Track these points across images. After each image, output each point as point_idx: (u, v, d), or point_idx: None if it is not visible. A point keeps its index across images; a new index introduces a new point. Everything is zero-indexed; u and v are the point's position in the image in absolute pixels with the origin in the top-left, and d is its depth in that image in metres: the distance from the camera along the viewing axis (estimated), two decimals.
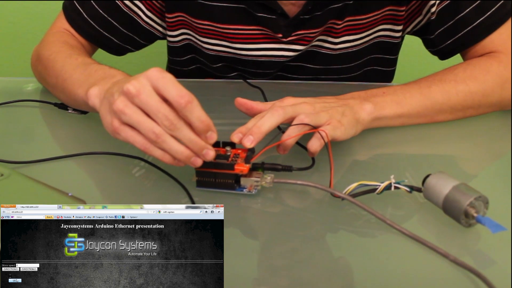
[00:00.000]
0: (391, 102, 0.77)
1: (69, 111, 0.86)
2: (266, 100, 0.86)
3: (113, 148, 0.73)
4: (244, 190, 0.65)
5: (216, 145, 0.66)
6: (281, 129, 0.72)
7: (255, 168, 0.66)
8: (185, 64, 1.03)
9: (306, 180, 0.64)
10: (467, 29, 0.86)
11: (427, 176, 0.62)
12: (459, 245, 0.58)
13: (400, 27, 0.94)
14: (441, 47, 0.91)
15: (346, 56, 0.96)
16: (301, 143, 0.73)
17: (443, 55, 0.93)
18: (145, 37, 0.99)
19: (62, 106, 0.87)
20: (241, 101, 0.73)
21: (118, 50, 0.99)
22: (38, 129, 0.86)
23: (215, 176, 0.64)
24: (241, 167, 0.64)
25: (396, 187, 0.63)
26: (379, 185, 0.63)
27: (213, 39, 0.95)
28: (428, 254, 0.56)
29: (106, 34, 0.96)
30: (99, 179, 0.71)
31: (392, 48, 0.98)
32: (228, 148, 0.67)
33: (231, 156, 0.66)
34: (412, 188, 0.63)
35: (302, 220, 0.63)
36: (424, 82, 0.81)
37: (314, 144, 0.68)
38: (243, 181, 0.65)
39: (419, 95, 0.78)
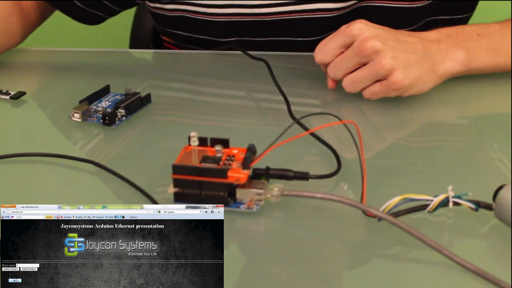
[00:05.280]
0: (486, 49, 0.84)
1: None
2: (272, 75, 0.87)
3: (56, 148, 0.73)
4: (242, 206, 0.64)
5: (202, 142, 0.66)
6: (295, 119, 0.75)
7: (256, 175, 0.66)
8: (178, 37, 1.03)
9: (328, 192, 0.63)
10: None
11: (500, 187, 0.61)
12: None
13: None
14: None
15: (401, 16, 0.96)
16: (323, 138, 0.73)
17: None
18: (119, 2, 0.99)
19: None
20: None
21: (84, 17, 1.01)
22: None
23: (201, 186, 0.64)
24: (237, 174, 0.64)
25: (455, 203, 0.62)
26: (432, 200, 0.62)
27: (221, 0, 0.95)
28: None
29: None
30: (37, 187, 0.71)
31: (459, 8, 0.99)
32: (218, 148, 0.66)
33: (223, 159, 0.65)
34: (478, 205, 0.62)
35: (323, 248, 0.63)
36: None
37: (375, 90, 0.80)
38: (240, 193, 0.64)
39: None
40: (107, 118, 0.78)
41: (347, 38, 0.79)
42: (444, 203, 0.62)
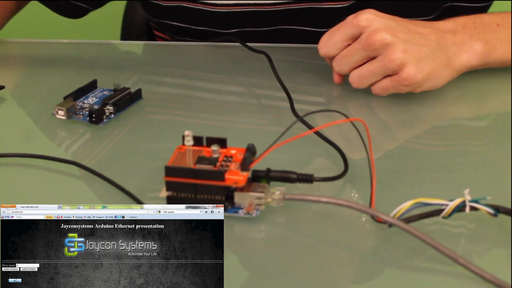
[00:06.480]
0: (507, 41, 0.85)
1: None
2: (273, 68, 0.87)
3: (38, 148, 0.73)
4: (241, 211, 0.64)
5: (197, 142, 0.67)
6: (299, 116, 0.75)
7: (256, 177, 0.66)
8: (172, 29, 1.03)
9: (334, 196, 0.64)
10: None
11: None
12: None
13: None
14: None
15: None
16: (328, 137, 0.73)
17: None
18: None
19: None
20: None
21: (66, 8, 1.01)
22: None
23: (196, 190, 0.64)
24: (236, 177, 0.64)
25: (473, 208, 0.62)
26: (447, 205, 0.62)
27: None
28: None
29: None
30: (19, 190, 0.71)
31: None
32: (215, 148, 0.66)
33: (220, 160, 0.66)
34: (498, 210, 0.62)
35: (328, 257, 0.63)
36: None
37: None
38: (238, 197, 0.65)
39: None
40: (94, 115, 0.78)
41: (354, 29, 0.79)
42: (460, 208, 0.62)
